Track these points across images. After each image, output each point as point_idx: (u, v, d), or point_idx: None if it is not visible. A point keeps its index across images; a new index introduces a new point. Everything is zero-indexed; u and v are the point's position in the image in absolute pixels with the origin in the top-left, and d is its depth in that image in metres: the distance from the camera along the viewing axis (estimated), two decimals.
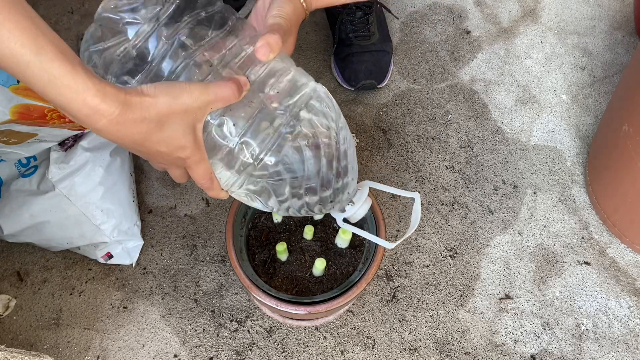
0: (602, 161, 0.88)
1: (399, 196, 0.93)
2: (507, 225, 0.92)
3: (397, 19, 1.13)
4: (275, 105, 0.49)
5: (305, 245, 0.75)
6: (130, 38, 0.46)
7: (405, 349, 0.81)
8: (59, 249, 0.86)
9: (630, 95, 0.77)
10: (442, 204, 0.93)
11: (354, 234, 0.74)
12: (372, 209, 0.73)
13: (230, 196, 0.55)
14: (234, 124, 0.48)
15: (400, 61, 1.08)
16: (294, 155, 0.49)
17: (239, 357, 0.80)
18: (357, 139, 0.99)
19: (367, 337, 0.82)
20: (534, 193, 0.95)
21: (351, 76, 1.01)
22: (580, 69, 1.08)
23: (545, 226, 0.92)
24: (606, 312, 0.85)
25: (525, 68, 1.08)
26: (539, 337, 0.83)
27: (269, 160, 0.49)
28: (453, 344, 0.82)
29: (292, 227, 0.77)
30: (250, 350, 0.81)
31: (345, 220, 0.63)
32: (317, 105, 0.51)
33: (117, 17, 0.47)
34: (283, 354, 0.80)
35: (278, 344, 0.81)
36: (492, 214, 0.92)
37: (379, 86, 1.02)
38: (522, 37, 1.12)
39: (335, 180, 0.53)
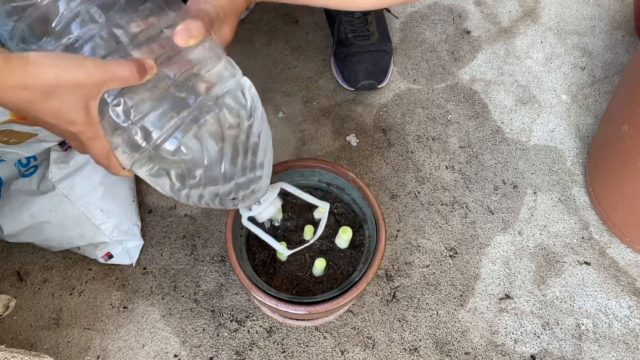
0: (602, 161, 0.88)
1: (399, 196, 0.93)
2: (507, 225, 0.92)
3: (397, 18, 1.13)
4: (182, 94, 0.47)
5: (306, 245, 0.75)
6: None
7: (405, 349, 0.81)
8: (59, 249, 0.86)
9: (630, 95, 0.77)
10: (442, 204, 0.93)
11: (354, 234, 0.74)
12: (372, 208, 0.73)
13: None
14: (131, 106, 0.46)
15: (400, 61, 1.08)
16: (195, 144, 0.48)
17: (239, 357, 0.80)
18: (357, 138, 0.99)
19: (367, 337, 0.82)
20: (534, 193, 0.95)
21: (351, 76, 1.01)
22: (580, 69, 1.08)
23: (545, 226, 0.92)
24: (606, 312, 0.85)
25: (525, 68, 1.08)
26: (539, 337, 0.83)
27: (167, 147, 0.47)
28: (453, 344, 0.82)
29: (292, 227, 0.77)
30: (250, 350, 0.81)
31: (251, 218, 0.62)
32: (231, 102, 0.49)
33: None
34: (283, 354, 0.80)
35: (278, 344, 0.81)
36: (492, 214, 0.92)
37: (378, 86, 1.02)
38: (522, 37, 1.12)
39: (238, 176, 0.52)
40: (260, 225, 0.65)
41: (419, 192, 0.94)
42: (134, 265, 0.87)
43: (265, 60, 1.08)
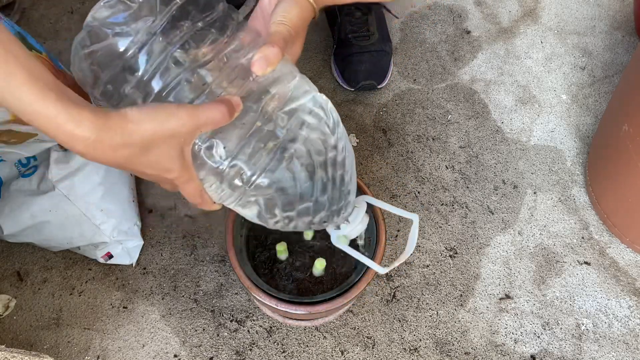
0: (602, 161, 0.88)
1: (399, 196, 0.93)
2: (507, 225, 0.92)
3: (397, 18, 1.13)
4: (269, 125, 0.47)
5: (305, 245, 0.75)
6: (121, 50, 0.44)
7: (405, 349, 0.81)
8: (59, 249, 0.86)
9: (630, 95, 0.77)
10: (442, 204, 0.93)
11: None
12: (372, 208, 0.73)
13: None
14: (224, 147, 0.46)
15: (400, 61, 1.08)
16: (287, 176, 0.48)
17: (239, 357, 0.80)
18: (357, 138, 0.99)
19: (367, 337, 0.82)
20: (534, 193, 0.95)
21: (351, 77, 1.00)
22: (580, 69, 1.08)
23: (545, 226, 0.92)
24: (606, 312, 0.85)
25: (525, 68, 1.08)
26: (539, 337, 0.83)
27: (261, 182, 0.47)
28: (453, 344, 0.82)
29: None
30: (250, 350, 0.81)
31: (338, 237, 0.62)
32: (314, 122, 0.49)
33: (107, 29, 0.45)
34: (283, 354, 0.80)
35: (278, 344, 0.81)
36: (492, 214, 0.92)
37: (378, 86, 1.02)
38: (522, 37, 1.12)
39: (329, 203, 0.52)
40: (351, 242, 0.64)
41: (419, 192, 0.94)
42: (134, 265, 0.87)
43: None
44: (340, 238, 0.62)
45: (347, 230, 0.60)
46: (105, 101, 0.46)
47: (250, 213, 0.52)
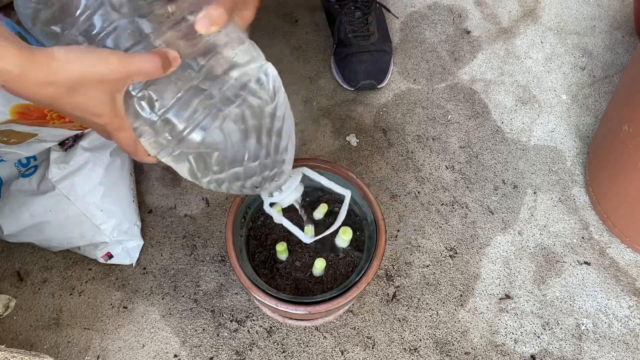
0: (602, 161, 0.88)
1: (399, 196, 0.93)
2: (507, 225, 0.92)
3: (397, 18, 1.13)
4: (206, 84, 0.46)
5: (305, 245, 0.75)
6: None
7: (405, 349, 0.81)
8: (59, 249, 0.86)
9: (630, 95, 0.77)
10: (442, 204, 0.93)
11: (354, 234, 0.74)
12: (372, 208, 0.73)
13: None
14: (156, 99, 0.45)
15: (400, 61, 1.08)
16: (219, 134, 0.48)
17: (239, 357, 0.80)
18: (357, 138, 0.99)
19: (367, 337, 0.82)
20: (534, 193, 0.95)
21: (351, 76, 1.01)
22: (580, 69, 1.08)
23: (545, 226, 0.92)
24: (606, 312, 0.85)
25: (525, 68, 1.08)
26: (539, 337, 0.83)
27: (191, 138, 0.47)
28: (453, 344, 0.82)
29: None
30: (250, 350, 0.81)
31: (270, 205, 0.62)
32: (254, 87, 0.49)
33: None
34: (283, 354, 0.80)
35: (278, 344, 0.81)
36: (492, 214, 0.92)
37: (378, 86, 1.02)
38: (522, 37, 1.12)
39: (261, 158, 0.52)
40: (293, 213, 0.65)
41: (419, 192, 0.94)
42: (134, 265, 0.87)
43: None
44: (274, 206, 0.62)
45: (279, 198, 0.60)
46: (45, 40, 0.46)
47: (182, 169, 0.51)
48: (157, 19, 0.45)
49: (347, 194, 0.66)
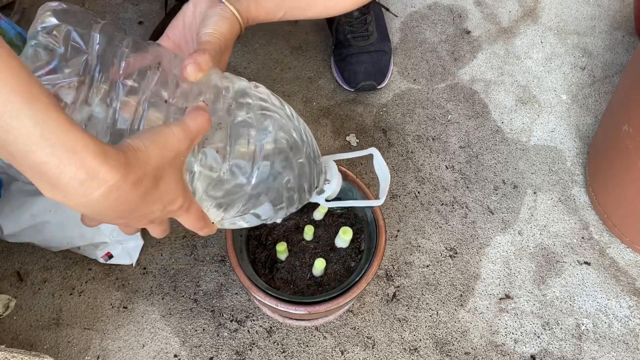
0: (602, 161, 0.88)
1: (399, 196, 0.93)
2: (507, 225, 0.92)
3: (396, 16, 1.13)
4: (240, 118, 0.47)
5: (305, 245, 0.75)
6: (69, 103, 0.40)
7: (405, 349, 0.81)
8: (59, 249, 0.86)
9: (630, 95, 0.77)
10: (442, 204, 0.93)
11: (354, 234, 0.74)
12: (372, 208, 0.73)
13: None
14: (216, 151, 0.45)
15: (400, 61, 1.08)
16: (280, 158, 0.49)
17: (239, 357, 0.80)
18: (357, 138, 0.99)
19: (367, 337, 0.82)
20: (534, 193, 0.95)
21: (350, 77, 1.00)
22: (580, 69, 1.08)
23: (545, 226, 0.92)
24: (606, 312, 0.85)
25: (525, 68, 1.08)
26: (539, 337, 0.83)
27: (263, 171, 0.47)
28: (453, 344, 0.82)
29: (292, 227, 0.77)
30: (250, 350, 0.81)
31: (327, 200, 0.63)
32: (271, 106, 0.50)
33: (47, 84, 0.40)
34: (283, 354, 0.80)
35: (278, 344, 0.81)
36: (492, 214, 0.92)
37: (378, 87, 1.02)
38: (522, 37, 1.12)
39: (313, 168, 0.53)
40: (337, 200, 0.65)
41: (419, 192, 0.94)
42: (134, 265, 0.87)
43: (265, 61, 1.08)
44: (328, 199, 0.63)
45: (332, 189, 0.61)
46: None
47: (255, 215, 0.51)
48: (165, 85, 0.45)
49: (374, 152, 0.66)
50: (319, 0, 0.62)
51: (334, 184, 0.61)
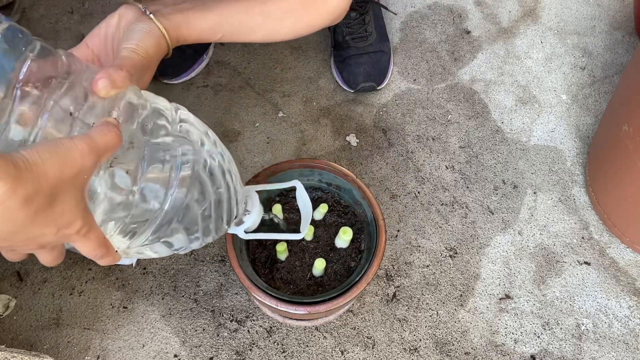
0: (602, 161, 0.88)
1: (399, 196, 0.93)
2: (507, 225, 0.92)
3: (396, 14, 1.13)
4: (158, 139, 0.44)
5: (305, 245, 0.75)
6: None
7: (405, 349, 0.81)
8: None
9: (630, 95, 0.77)
10: (442, 204, 0.93)
11: (354, 234, 0.74)
12: (372, 209, 0.73)
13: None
14: (126, 172, 0.41)
15: (400, 61, 1.08)
16: (197, 186, 0.46)
17: (239, 357, 0.80)
18: (357, 138, 0.99)
19: (367, 337, 0.82)
20: (534, 193, 0.95)
21: (350, 79, 1.00)
22: (580, 69, 1.08)
23: (545, 226, 0.92)
24: (606, 312, 0.85)
25: (525, 68, 1.08)
26: (539, 337, 0.83)
27: (179, 197, 0.44)
28: (453, 344, 0.82)
29: (292, 227, 0.77)
30: (250, 350, 0.81)
31: (245, 232, 0.61)
32: (193, 130, 0.47)
33: None
34: (283, 354, 0.80)
35: (278, 344, 0.81)
36: (492, 214, 0.92)
37: (378, 88, 1.02)
38: (522, 37, 1.12)
39: (231, 194, 0.51)
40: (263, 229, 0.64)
41: (419, 192, 0.94)
42: (134, 265, 0.87)
43: (265, 61, 1.08)
44: (247, 230, 0.61)
45: (252, 219, 0.59)
46: None
47: (167, 244, 0.47)
48: (73, 97, 0.40)
49: (297, 184, 0.66)
50: (261, 27, 0.60)
51: (254, 215, 0.59)
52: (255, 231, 0.63)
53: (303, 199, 0.65)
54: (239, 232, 0.61)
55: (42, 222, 0.34)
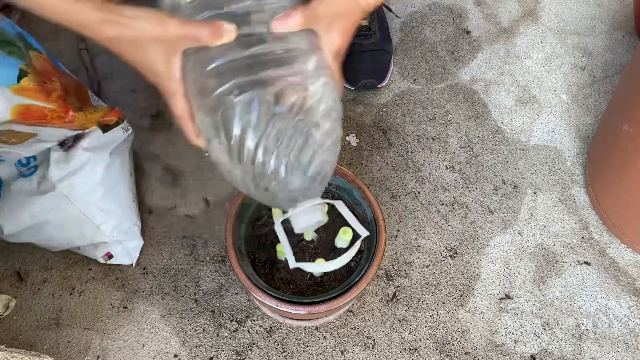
0: (602, 161, 0.88)
1: (399, 196, 0.93)
2: (507, 225, 0.92)
3: (398, 17, 1.13)
4: (251, 62, 0.47)
5: (306, 245, 0.75)
6: None
7: (405, 349, 0.81)
8: (59, 249, 0.86)
9: (630, 95, 0.77)
10: (442, 204, 0.93)
11: (354, 234, 0.74)
12: (372, 209, 0.73)
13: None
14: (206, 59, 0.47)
15: (400, 61, 1.08)
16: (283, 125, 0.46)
17: (239, 357, 0.80)
18: (357, 138, 0.99)
19: (367, 337, 0.82)
20: (534, 193, 0.95)
21: (351, 75, 1.00)
22: (580, 69, 1.08)
23: (545, 226, 0.92)
24: (606, 312, 0.85)
25: (525, 68, 1.08)
26: (539, 337, 0.83)
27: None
28: (453, 344, 0.82)
29: (292, 227, 0.76)
30: (250, 350, 0.81)
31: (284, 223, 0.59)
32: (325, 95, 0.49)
33: None
34: (283, 354, 0.80)
35: (278, 344, 0.81)
36: (492, 214, 0.92)
37: (378, 86, 1.02)
38: (522, 37, 1.12)
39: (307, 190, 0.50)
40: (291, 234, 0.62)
41: (419, 192, 0.94)
42: (134, 265, 0.87)
43: None
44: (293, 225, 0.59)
45: (292, 214, 0.56)
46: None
47: (225, 158, 0.48)
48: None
49: (364, 233, 0.66)
50: None
51: (298, 216, 0.56)
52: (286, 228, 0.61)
53: (354, 249, 0.65)
54: (276, 221, 0.62)
55: (130, 58, 0.48)
